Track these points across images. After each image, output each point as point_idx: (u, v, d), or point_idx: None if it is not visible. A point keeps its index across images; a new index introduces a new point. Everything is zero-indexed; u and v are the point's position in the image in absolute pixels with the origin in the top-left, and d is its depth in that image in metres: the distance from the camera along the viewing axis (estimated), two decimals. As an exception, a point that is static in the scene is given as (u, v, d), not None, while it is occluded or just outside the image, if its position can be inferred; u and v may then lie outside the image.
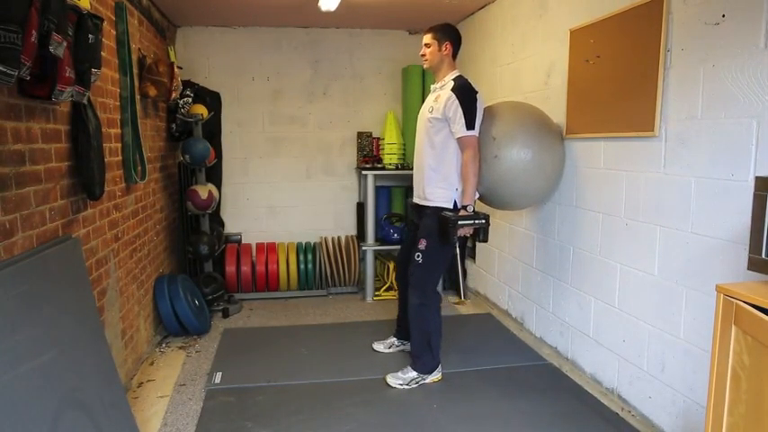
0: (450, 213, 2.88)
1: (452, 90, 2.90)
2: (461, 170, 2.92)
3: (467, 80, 2.98)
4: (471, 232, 2.92)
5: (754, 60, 1.97)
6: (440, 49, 3.02)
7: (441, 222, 2.89)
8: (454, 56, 3.07)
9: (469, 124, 2.85)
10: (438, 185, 2.99)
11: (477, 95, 2.93)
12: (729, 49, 2.07)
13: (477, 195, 3.08)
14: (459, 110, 2.85)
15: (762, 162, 1.96)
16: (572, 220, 3.17)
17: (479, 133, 2.94)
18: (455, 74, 3.02)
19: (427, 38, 3.06)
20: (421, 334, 3.03)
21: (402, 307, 3.39)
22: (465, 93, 2.89)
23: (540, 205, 3.49)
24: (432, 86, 3.15)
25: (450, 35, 3.04)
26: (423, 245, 2.97)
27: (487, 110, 3.08)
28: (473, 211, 2.91)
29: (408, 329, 3.17)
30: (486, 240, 2.98)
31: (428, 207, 3.02)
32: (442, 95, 2.95)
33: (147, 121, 3.66)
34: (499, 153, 2.97)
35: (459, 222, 2.84)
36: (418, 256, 2.98)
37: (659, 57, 2.39)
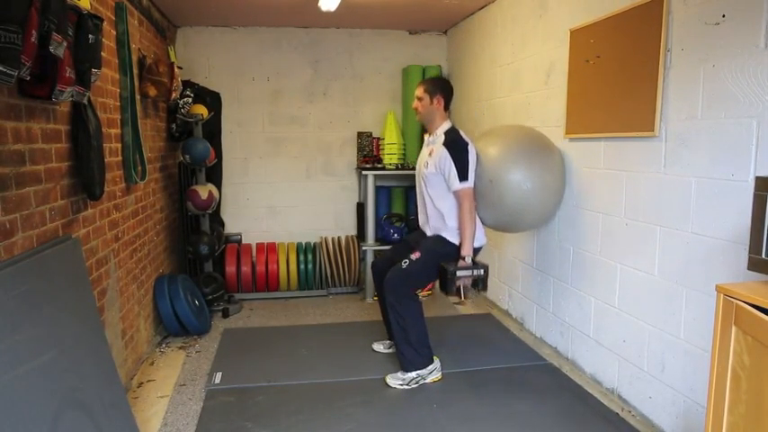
0: (449, 264, 2.93)
1: (444, 144, 2.99)
2: (459, 222, 2.99)
3: (458, 133, 3.07)
4: (470, 283, 2.97)
5: (754, 60, 1.96)
6: (431, 103, 3.10)
7: (440, 273, 2.98)
8: (446, 108, 3.14)
9: (462, 176, 2.93)
10: (442, 230, 3.08)
11: (469, 147, 3.01)
12: (729, 49, 2.07)
13: (483, 242, 3.13)
14: (452, 165, 2.94)
15: (762, 162, 1.96)
16: (572, 220, 3.17)
17: (478, 179, 3.01)
18: (447, 126, 3.09)
19: (419, 91, 3.14)
20: (401, 332, 3.03)
21: (384, 309, 3.38)
22: (456, 146, 2.98)
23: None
24: (425, 139, 3.24)
25: (441, 88, 3.12)
26: (415, 256, 3.02)
27: (477, 153, 3.09)
28: (472, 261, 2.96)
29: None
30: (485, 290, 3.04)
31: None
32: (435, 150, 3.04)
33: (147, 121, 3.66)
34: (501, 193, 3.01)
35: (458, 273, 2.90)
36: (405, 263, 3.02)
37: (659, 57, 2.39)
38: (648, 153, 2.52)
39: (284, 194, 5.17)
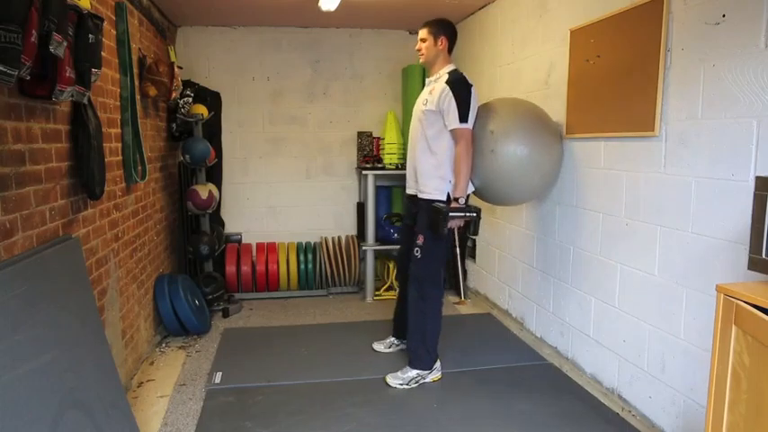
0: (442, 205, 2.90)
1: (447, 83, 2.91)
2: (454, 163, 2.93)
3: (462, 74, 2.99)
4: (462, 224, 2.94)
5: (755, 60, 1.97)
6: (435, 44, 3.03)
7: (432, 214, 2.92)
8: (449, 50, 3.08)
9: (463, 117, 2.86)
10: (431, 177, 3.00)
11: (472, 89, 2.93)
12: (729, 48, 2.07)
13: (472, 189, 3.10)
14: (453, 102, 2.86)
15: (762, 162, 1.96)
16: (572, 219, 3.17)
17: (476, 127, 2.95)
18: (450, 67, 3.03)
19: (423, 32, 3.07)
20: (417, 328, 3.04)
21: (400, 305, 3.39)
22: (459, 85, 2.90)
23: (540, 204, 3.49)
24: (427, 80, 3.17)
25: (445, 30, 3.05)
26: (421, 240, 3.00)
27: (486, 105, 3.10)
28: (465, 203, 2.93)
29: (406, 327, 3.18)
30: (476, 233, 3.01)
31: (422, 200, 3.04)
32: (436, 88, 2.96)
33: (148, 121, 3.66)
34: (495, 147, 2.96)
35: (450, 214, 2.86)
36: (417, 252, 3.00)
37: (659, 57, 2.39)
38: (648, 153, 2.52)
39: (284, 194, 5.17)
